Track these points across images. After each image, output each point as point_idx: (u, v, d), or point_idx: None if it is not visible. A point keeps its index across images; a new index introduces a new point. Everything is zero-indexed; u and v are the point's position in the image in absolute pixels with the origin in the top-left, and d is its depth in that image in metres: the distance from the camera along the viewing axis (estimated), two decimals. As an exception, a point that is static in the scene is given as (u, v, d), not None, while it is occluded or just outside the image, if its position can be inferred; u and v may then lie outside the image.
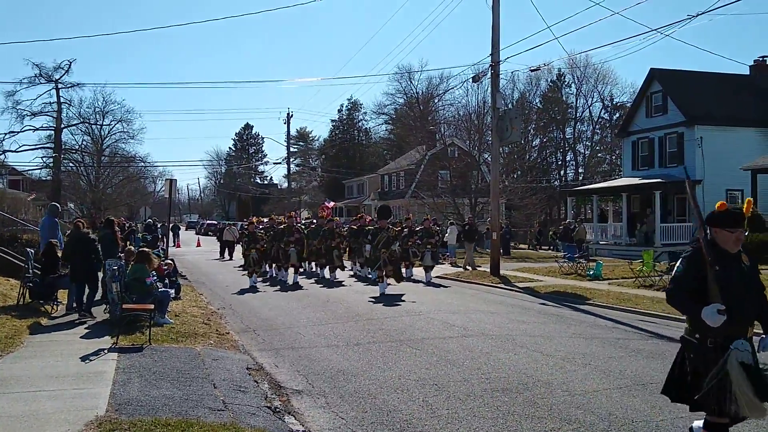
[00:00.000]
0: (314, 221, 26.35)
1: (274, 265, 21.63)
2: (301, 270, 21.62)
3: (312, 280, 20.78)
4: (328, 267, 20.90)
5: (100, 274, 13.05)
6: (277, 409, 6.89)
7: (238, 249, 29.83)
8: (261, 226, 23.10)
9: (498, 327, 11.77)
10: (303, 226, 23.36)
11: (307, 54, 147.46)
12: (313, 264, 22.95)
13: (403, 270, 19.21)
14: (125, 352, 8.88)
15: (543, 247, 40.93)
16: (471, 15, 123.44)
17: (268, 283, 20.18)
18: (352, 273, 22.36)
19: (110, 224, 15.14)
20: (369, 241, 17.60)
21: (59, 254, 13.22)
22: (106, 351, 9.03)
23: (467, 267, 24.37)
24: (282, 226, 21.28)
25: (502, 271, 21.37)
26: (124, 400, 6.64)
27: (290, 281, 19.93)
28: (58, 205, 17.40)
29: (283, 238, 20.29)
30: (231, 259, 31.99)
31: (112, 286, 11.29)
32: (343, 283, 19.97)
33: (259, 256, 20.30)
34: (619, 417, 6.45)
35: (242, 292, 17.95)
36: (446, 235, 28.31)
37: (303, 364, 8.96)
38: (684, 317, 5.03)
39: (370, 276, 20.27)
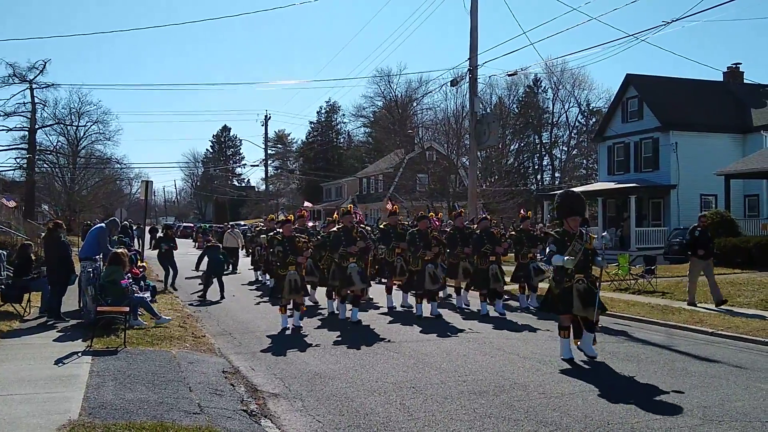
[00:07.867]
0: (366, 220, 19.91)
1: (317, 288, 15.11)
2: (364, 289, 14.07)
3: (398, 320, 13.12)
4: (416, 294, 13.46)
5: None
6: (254, 413, 6.85)
7: (244, 260, 26.17)
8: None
9: (475, 330, 11.81)
10: (368, 229, 15.48)
11: (286, 56, 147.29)
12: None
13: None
14: (99, 355, 8.76)
15: None
16: (449, 19, 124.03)
17: (320, 323, 12.84)
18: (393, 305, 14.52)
19: (126, 230, 15.02)
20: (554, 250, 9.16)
21: (32, 256, 13.07)
22: (79, 354, 8.90)
23: (694, 303, 13.80)
24: (335, 228, 13.34)
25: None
26: (98, 403, 6.55)
27: (348, 316, 12.86)
28: (118, 221, 15.01)
29: (339, 248, 12.65)
30: (235, 271, 24.04)
31: (88, 289, 11.14)
32: (453, 327, 12.02)
33: (301, 279, 12.12)
34: (594, 419, 6.51)
35: (276, 344, 10.60)
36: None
37: (280, 368, 8.92)
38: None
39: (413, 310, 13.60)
